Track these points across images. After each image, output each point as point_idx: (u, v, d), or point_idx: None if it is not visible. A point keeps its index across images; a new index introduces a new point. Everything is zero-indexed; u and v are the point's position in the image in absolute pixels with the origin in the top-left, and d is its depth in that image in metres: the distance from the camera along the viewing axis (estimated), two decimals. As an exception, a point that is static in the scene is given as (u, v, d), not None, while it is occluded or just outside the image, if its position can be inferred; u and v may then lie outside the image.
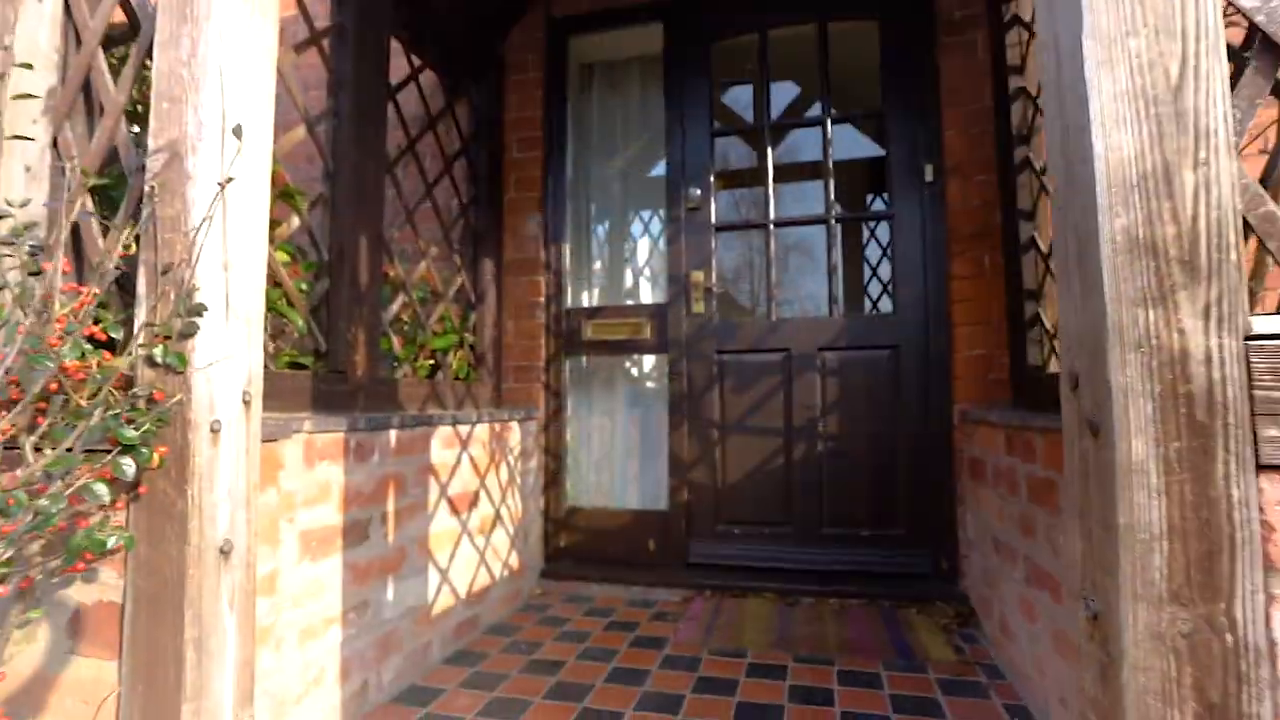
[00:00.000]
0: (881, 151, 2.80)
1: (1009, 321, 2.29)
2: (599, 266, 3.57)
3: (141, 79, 1.35)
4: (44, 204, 1.16)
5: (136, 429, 0.90)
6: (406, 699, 1.76)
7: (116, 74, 1.26)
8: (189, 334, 0.97)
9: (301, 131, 1.91)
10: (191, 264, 0.98)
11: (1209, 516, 0.62)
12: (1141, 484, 0.64)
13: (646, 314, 2.87)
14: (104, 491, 0.91)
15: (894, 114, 2.67)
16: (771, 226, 2.73)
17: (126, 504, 0.99)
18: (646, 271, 3.82)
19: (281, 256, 1.86)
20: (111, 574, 1.02)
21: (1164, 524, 0.63)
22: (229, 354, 1.02)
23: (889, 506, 2.53)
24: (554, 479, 2.85)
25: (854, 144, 3.77)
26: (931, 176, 2.58)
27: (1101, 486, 0.67)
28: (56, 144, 1.22)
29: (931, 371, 2.52)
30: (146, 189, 1.02)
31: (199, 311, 0.96)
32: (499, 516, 2.48)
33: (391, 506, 1.86)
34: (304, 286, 1.92)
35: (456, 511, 2.19)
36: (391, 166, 2.29)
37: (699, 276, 2.77)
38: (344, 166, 1.98)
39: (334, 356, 1.90)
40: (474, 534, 2.29)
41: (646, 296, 3.75)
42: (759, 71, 2.83)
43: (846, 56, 2.86)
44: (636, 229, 3.86)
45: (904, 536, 2.50)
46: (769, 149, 2.78)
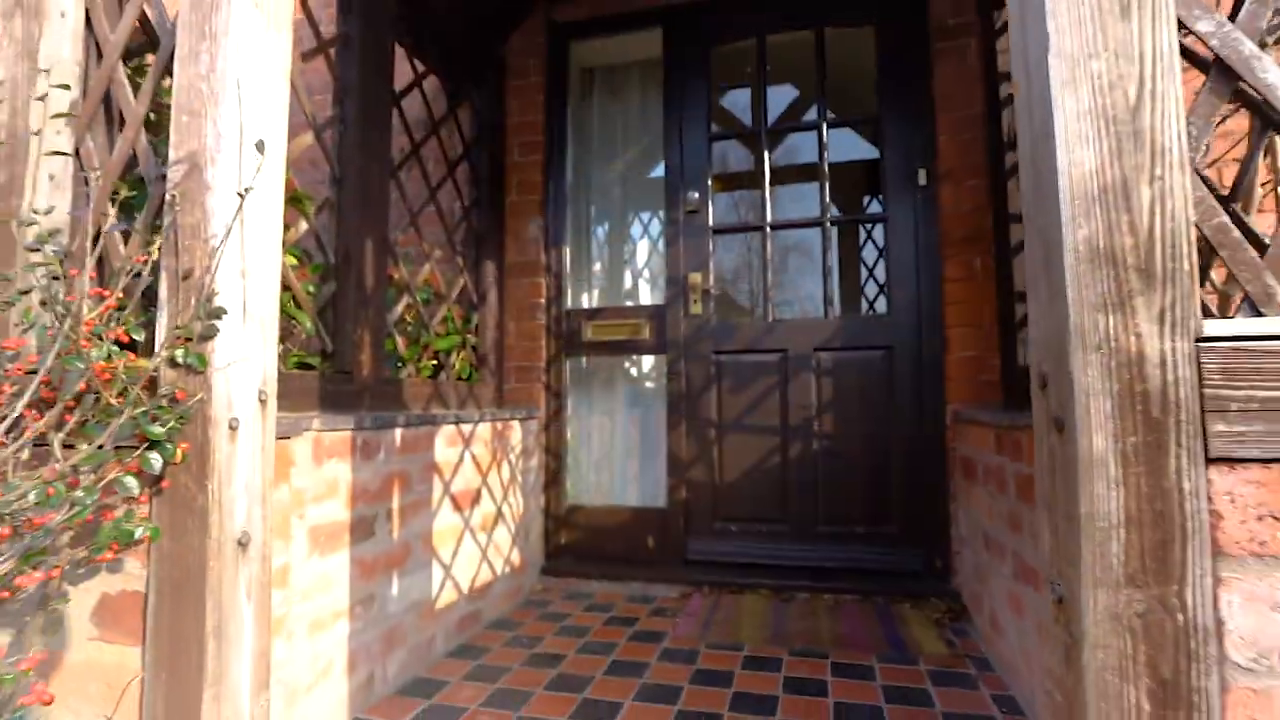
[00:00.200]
0: (878, 154, 2.85)
1: (1000, 324, 2.34)
2: (599, 268, 3.62)
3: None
4: (69, 212, 1.22)
5: (162, 426, 0.95)
6: (411, 691, 1.81)
7: (133, 85, 1.31)
8: (209, 336, 1.02)
9: (309, 138, 1.96)
10: (211, 270, 1.03)
11: (1163, 506, 0.67)
12: (1101, 476, 0.69)
13: (645, 315, 2.92)
14: (134, 484, 0.96)
15: (889, 118, 2.71)
16: (768, 229, 2.78)
17: (149, 498, 1.04)
18: (645, 273, 3.86)
19: (289, 260, 1.91)
20: (135, 564, 1.07)
21: (1122, 513, 0.68)
22: (246, 355, 1.08)
23: (883, 505, 2.57)
24: (554, 477, 2.90)
25: (853, 146, 3.80)
26: (925, 181, 2.63)
27: (1066, 479, 0.72)
28: (78, 153, 1.27)
29: (925, 372, 2.56)
30: (168, 198, 1.07)
31: (219, 315, 1.01)
32: (501, 514, 2.52)
33: (397, 503, 1.91)
34: (311, 289, 1.97)
35: (459, 509, 2.24)
36: (396, 171, 2.33)
37: (697, 278, 2.81)
38: (350, 172, 2.03)
39: (340, 357, 1.95)
40: (476, 531, 2.34)
41: (645, 298, 3.80)
42: (757, 76, 2.88)
43: (845, 58, 2.90)
44: (636, 230, 3.90)
45: (898, 534, 2.55)
46: (766, 153, 2.83)
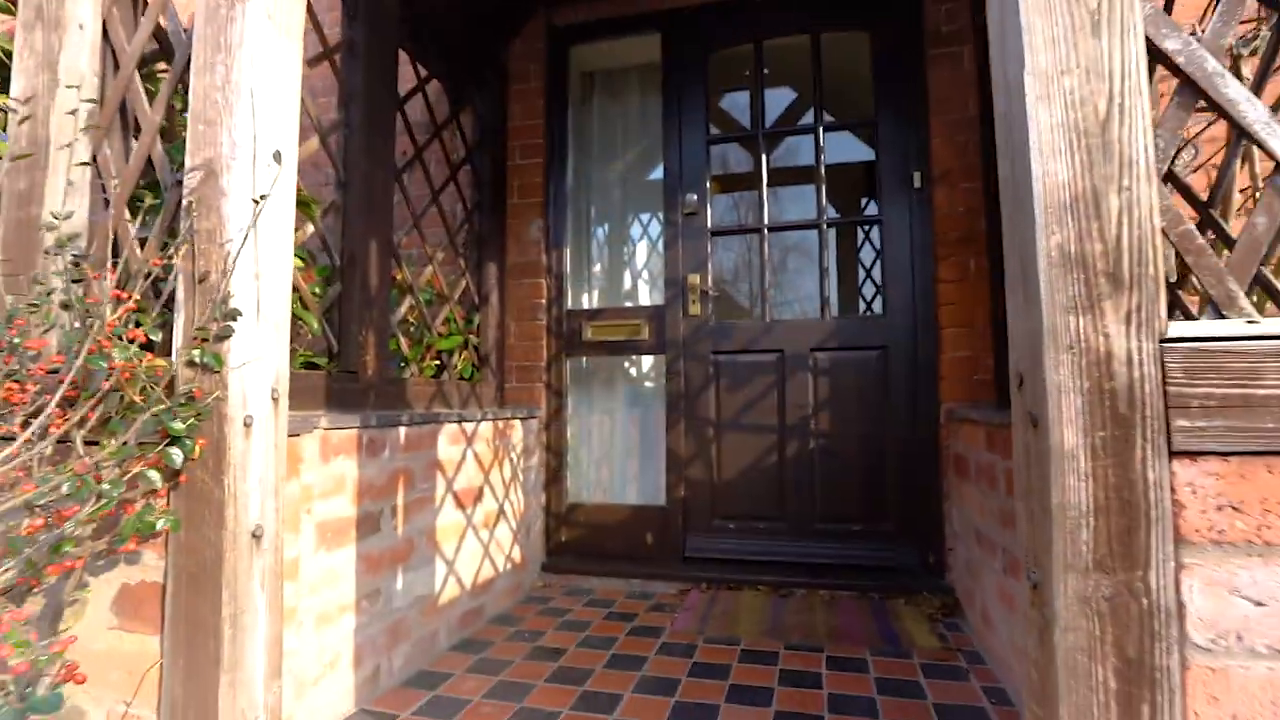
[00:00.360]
0: (875, 156, 2.89)
1: (993, 325, 2.38)
2: (599, 269, 3.66)
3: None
4: (89, 217, 1.26)
5: (182, 423, 0.99)
6: (416, 683, 1.85)
7: (146, 93, 1.35)
8: (225, 336, 1.07)
9: (315, 143, 2.00)
10: (227, 273, 1.07)
11: (1129, 496, 0.72)
12: (1072, 468, 0.73)
13: (645, 316, 2.96)
14: (157, 478, 1.00)
15: (885, 122, 2.76)
16: (765, 231, 2.83)
17: (167, 492, 1.08)
18: (645, 274, 3.90)
19: (296, 262, 1.95)
20: (153, 556, 1.11)
21: (1091, 503, 0.73)
22: (260, 355, 1.12)
23: (878, 502, 2.62)
24: (555, 475, 2.94)
25: (851, 147, 3.82)
26: (919, 183, 2.67)
27: (1040, 472, 0.77)
28: (95, 160, 1.32)
29: (919, 372, 2.60)
30: (184, 204, 1.11)
31: (234, 316, 1.06)
32: (502, 511, 2.57)
33: (401, 500, 1.95)
34: (317, 290, 2.02)
35: (462, 506, 2.28)
36: (399, 174, 2.38)
37: (695, 279, 2.86)
38: (355, 175, 2.07)
39: (346, 357, 1.99)
40: (478, 528, 2.38)
41: (645, 298, 3.84)
42: (755, 80, 2.92)
43: (843, 61, 2.94)
44: (635, 231, 3.94)
45: (893, 531, 2.59)
46: (764, 155, 2.87)
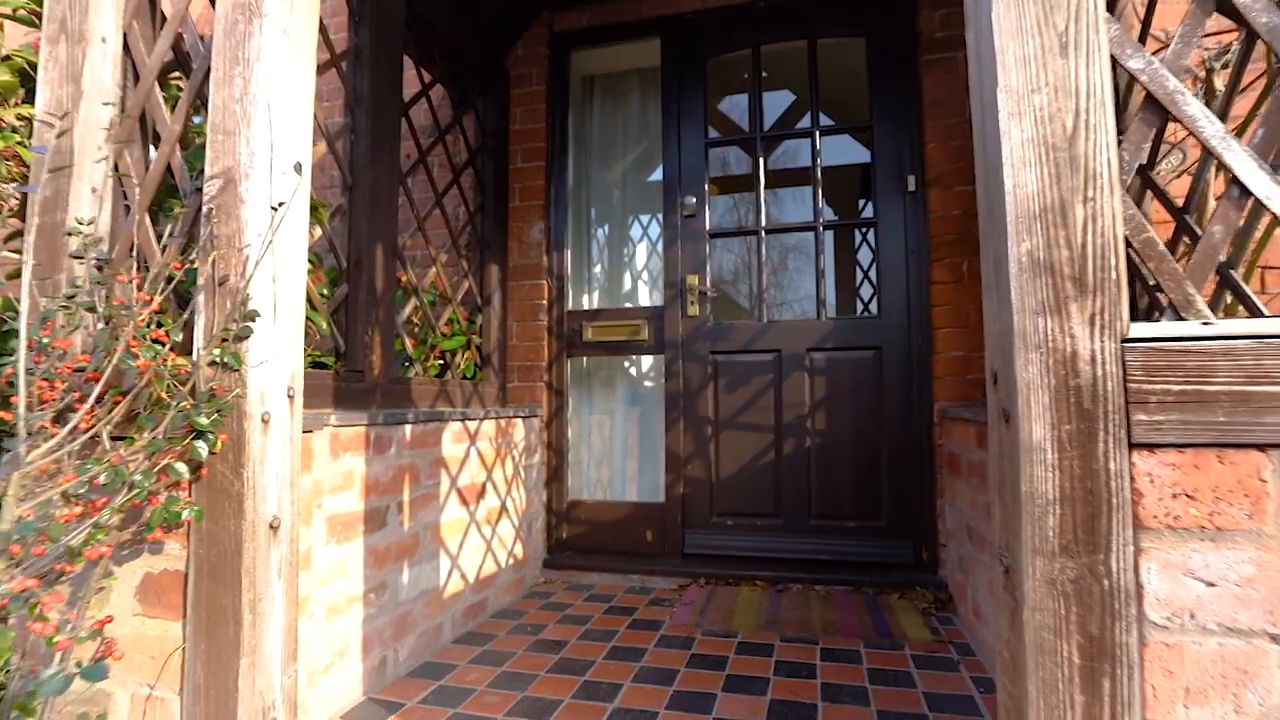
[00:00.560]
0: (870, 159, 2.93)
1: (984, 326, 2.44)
2: (599, 270, 3.71)
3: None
4: (115, 223, 1.31)
5: (207, 418, 1.05)
6: (421, 673, 1.91)
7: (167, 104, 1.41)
8: (244, 336, 1.12)
9: (322, 147, 2.06)
10: (246, 276, 1.13)
11: (1092, 485, 0.77)
12: (1040, 460, 0.79)
13: (644, 316, 3.01)
14: (184, 470, 1.06)
15: (881, 125, 2.81)
16: (763, 233, 2.88)
17: (189, 485, 1.13)
18: (645, 275, 3.95)
19: (305, 264, 2.01)
20: (175, 545, 1.17)
21: (1057, 492, 0.78)
22: (277, 354, 1.17)
23: (873, 499, 2.67)
24: (556, 473, 3.00)
25: (849, 149, 3.88)
26: (914, 186, 2.72)
27: (1011, 463, 0.82)
28: (117, 168, 1.37)
29: (913, 372, 2.66)
30: (204, 210, 1.17)
31: (253, 317, 1.11)
32: (505, 508, 2.62)
33: (407, 496, 2.00)
34: (325, 292, 2.07)
35: (465, 502, 2.34)
36: (404, 178, 2.43)
37: (694, 280, 2.91)
38: (361, 179, 2.13)
39: (352, 357, 2.05)
40: (481, 524, 2.44)
41: (644, 299, 3.89)
42: (753, 83, 2.97)
43: (841, 65, 2.99)
44: (635, 233, 3.99)
45: (887, 528, 2.65)
46: (762, 158, 2.93)
